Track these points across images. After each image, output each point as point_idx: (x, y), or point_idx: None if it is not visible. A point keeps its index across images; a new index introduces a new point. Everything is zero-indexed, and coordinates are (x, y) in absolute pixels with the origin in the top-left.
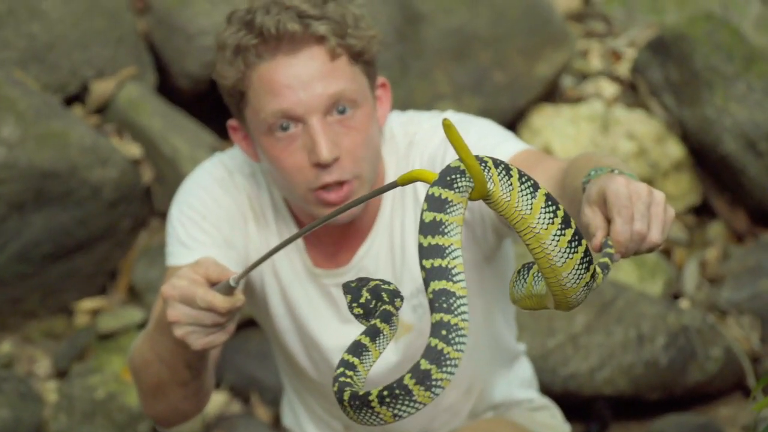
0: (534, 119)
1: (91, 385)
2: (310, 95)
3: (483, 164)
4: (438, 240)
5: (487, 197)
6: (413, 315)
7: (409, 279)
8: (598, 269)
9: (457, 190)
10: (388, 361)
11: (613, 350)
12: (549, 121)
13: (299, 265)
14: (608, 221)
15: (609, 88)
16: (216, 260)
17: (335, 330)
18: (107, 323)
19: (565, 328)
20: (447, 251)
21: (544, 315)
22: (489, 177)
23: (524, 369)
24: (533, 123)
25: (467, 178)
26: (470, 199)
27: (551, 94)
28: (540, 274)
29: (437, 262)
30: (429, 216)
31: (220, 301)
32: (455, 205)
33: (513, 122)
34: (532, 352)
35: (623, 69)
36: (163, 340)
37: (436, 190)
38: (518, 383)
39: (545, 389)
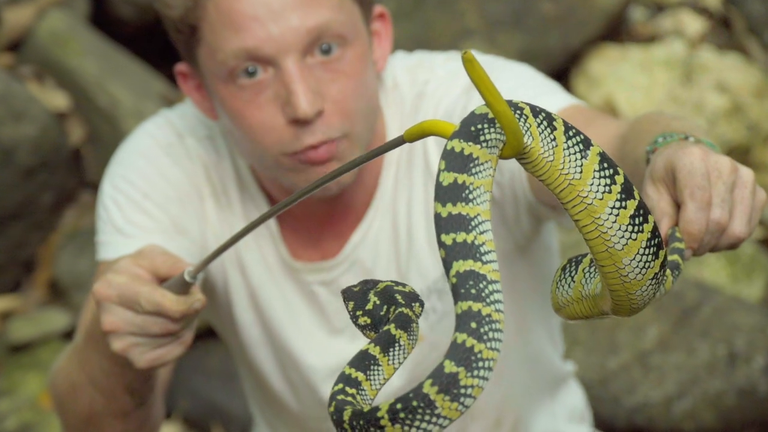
0: (592, 64)
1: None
2: (283, 29)
3: (518, 111)
4: (460, 208)
5: (522, 155)
6: (424, 322)
7: (417, 274)
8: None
9: (484, 144)
10: (390, 383)
11: (696, 373)
12: (612, 66)
13: (273, 256)
14: (678, 205)
15: (693, 24)
16: (165, 249)
17: (321, 343)
18: (21, 330)
19: (632, 343)
20: (473, 223)
21: (603, 326)
22: (525, 128)
23: (573, 396)
24: (591, 69)
25: (497, 129)
26: (501, 157)
27: (616, 30)
28: (592, 269)
29: (461, 236)
30: (448, 177)
31: (171, 302)
32: (482, 163)
33: (564, 68)
34: (586, 375)
35: None
36: (97, 356)
37: (457, 144)
38: (565, 415)
39: (604, 424)
